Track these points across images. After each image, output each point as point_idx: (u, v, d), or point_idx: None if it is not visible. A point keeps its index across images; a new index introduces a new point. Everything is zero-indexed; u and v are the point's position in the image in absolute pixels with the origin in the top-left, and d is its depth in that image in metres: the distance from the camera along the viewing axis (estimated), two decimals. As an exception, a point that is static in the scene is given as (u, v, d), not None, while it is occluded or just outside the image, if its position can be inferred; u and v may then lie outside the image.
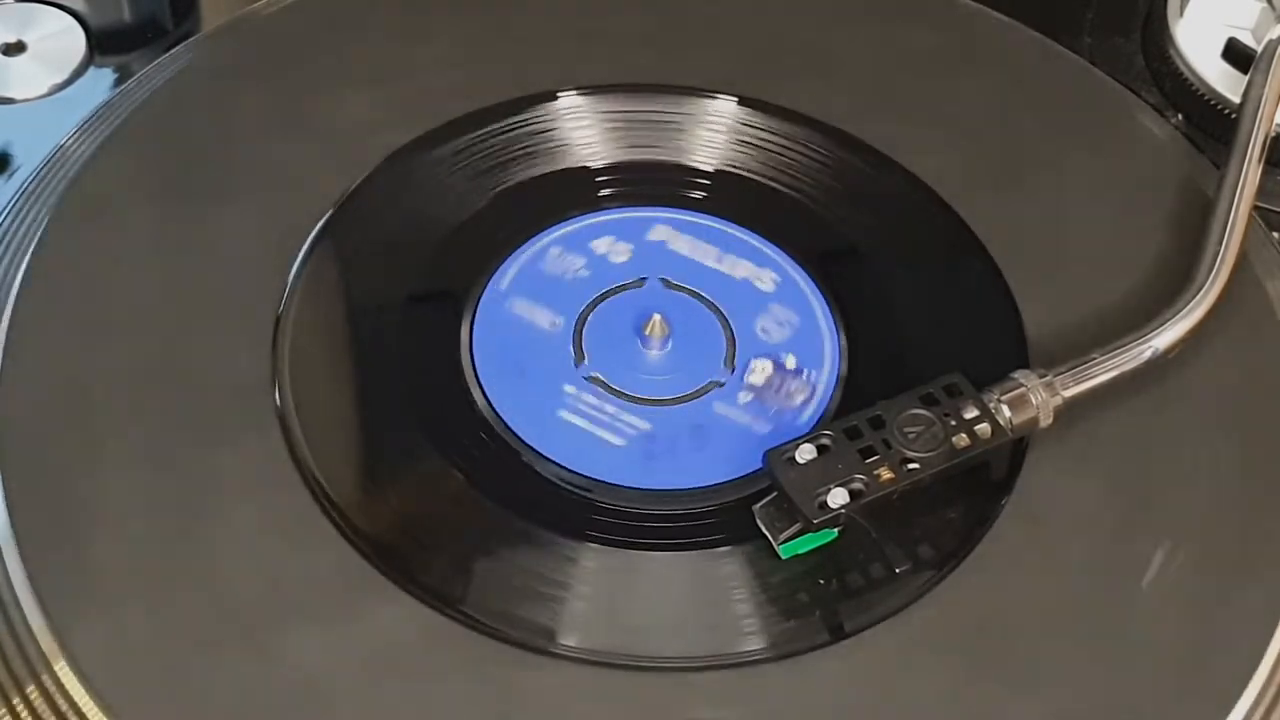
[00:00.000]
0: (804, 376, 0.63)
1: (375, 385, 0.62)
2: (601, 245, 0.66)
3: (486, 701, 0.54)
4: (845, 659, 0.55)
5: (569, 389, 0.62)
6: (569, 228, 0.66)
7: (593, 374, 0.63)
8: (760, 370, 0.63)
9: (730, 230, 0.67)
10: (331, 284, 0.64)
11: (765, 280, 0.65)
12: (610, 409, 0.62)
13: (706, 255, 0.66)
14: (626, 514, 0.59)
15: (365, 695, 0.54)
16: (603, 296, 0.65)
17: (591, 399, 0.62)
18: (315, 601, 0.55)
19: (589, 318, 0.64)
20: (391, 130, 0.68)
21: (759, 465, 0.58)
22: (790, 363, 0.63)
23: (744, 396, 0.62)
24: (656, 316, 0.63)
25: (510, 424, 0.61)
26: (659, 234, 0.67)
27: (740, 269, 0.66)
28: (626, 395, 0.62)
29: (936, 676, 0.55)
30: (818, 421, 0.61)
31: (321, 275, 0.64)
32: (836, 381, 0.63)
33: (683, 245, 0.66)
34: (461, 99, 0.69)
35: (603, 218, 0.67)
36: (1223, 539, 0.58)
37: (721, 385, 0.63)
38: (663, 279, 0.65)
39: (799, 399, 0.62)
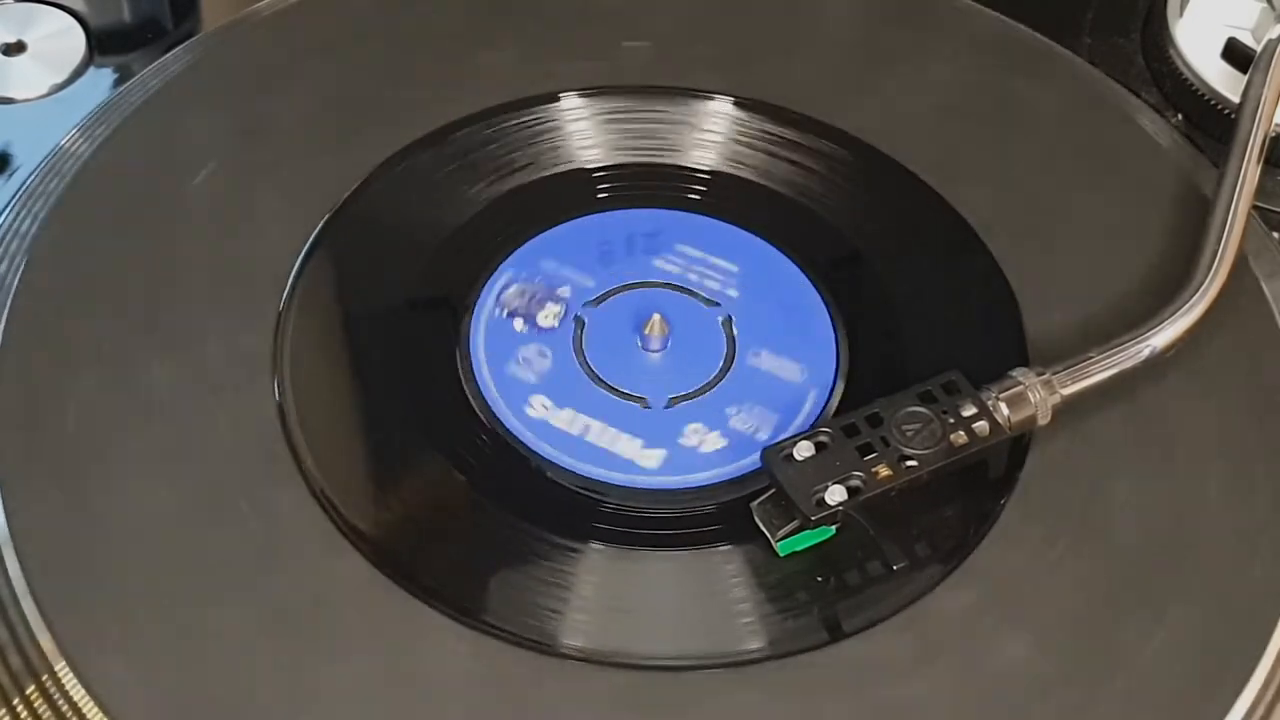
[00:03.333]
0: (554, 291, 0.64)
1: (375, 387, 0.62)
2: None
3: (486, 701, 0.54)
4: (845, 658, 0.55)
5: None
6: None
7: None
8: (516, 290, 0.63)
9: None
10: (331, 286, 0.64)
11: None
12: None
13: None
14: (627, 514, 0.59)
15: (365, 695, 0.54)
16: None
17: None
18: (315, 602, 0.55)
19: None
20: (391, 131, 0.68)
21: (760, 464, 0.58)
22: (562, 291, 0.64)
23: (518, 325, 0.63)
24: (656, 316, 0.63)
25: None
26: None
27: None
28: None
29: (936, 676, 0.55)
30: (816, 419, 0.61)
31: (321, 277, 0.64)
32: (836, 379, 0.63)
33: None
34: (460, 101, 0.69)
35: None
36: (1222, 538, 0.58)
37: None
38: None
39: (553, 316, 0.63)
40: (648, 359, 0.63)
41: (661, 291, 0.65)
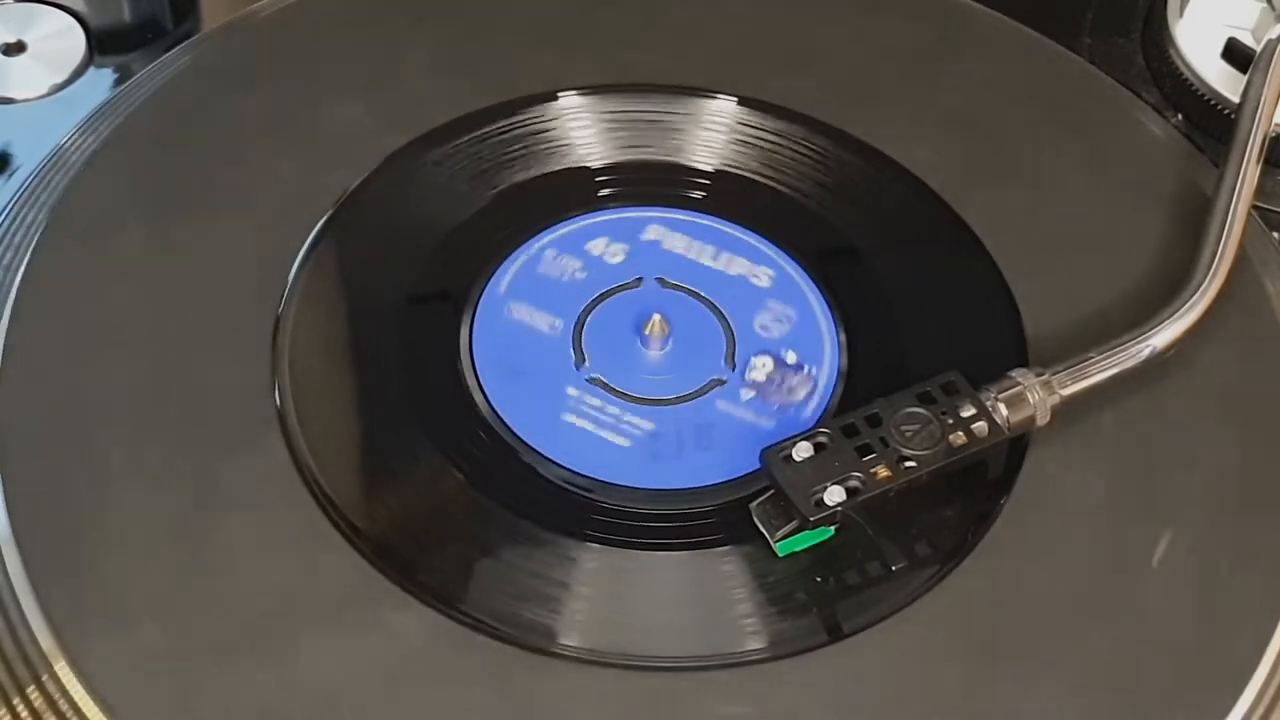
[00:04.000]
0: (805, 372, 0.63)
1: (375, 386, 0.62)
2: (598, 246, 0.66)
3: (487, 702, 0.54)
4: (845, 658, 0.55)
5: (570, 390, 0.62)
6: (566, 228, 0.66)
7: (594, 375, 0.63)
8: (761, 367, 0.63)
9: (729, 230, 0.67)
10: (331, 285, 0.64)
11: (763, 279, 0.65)
12: (611, 409, 0.62)
13: (704, 254, 0.66)
14: (627, 514, 0.59)
15: (365, 695, 0.54)
16: (602, 297, 0.65)
17: (592, 400, 0.62)
18: (315, 602, 0.55)
19: (588, 318, 0.64)
20: (391, 131, 0.68)
21: (759, 464, 0.58)
22: (791, 358, 0.63)
23: (746, 394, 0.62)
24: (656, 316, 0.63)
25: (510, 424, 0.61)
26: (656, 234, 0.67)
27: (738, 268, 0.66)
28: (627, 395, 0.62)
29: (936, 676, 0.55)
30: (816, 420, 0.61)
31: (321, 276, 0.64)
32: (835, 380, 0.63)
33: (680, 245, 0.66)
34: (461, 100, 0.69)
35: (601, 218, 0.67)
36: (1222, 537, 0.58)
37: (723, 383, 0.63)
38: (660, 279, 0.65)
39: (801, 394, 0.62)
40: (648, 359, 0.63)
41: (623, 296, 0.65)
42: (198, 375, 0.60)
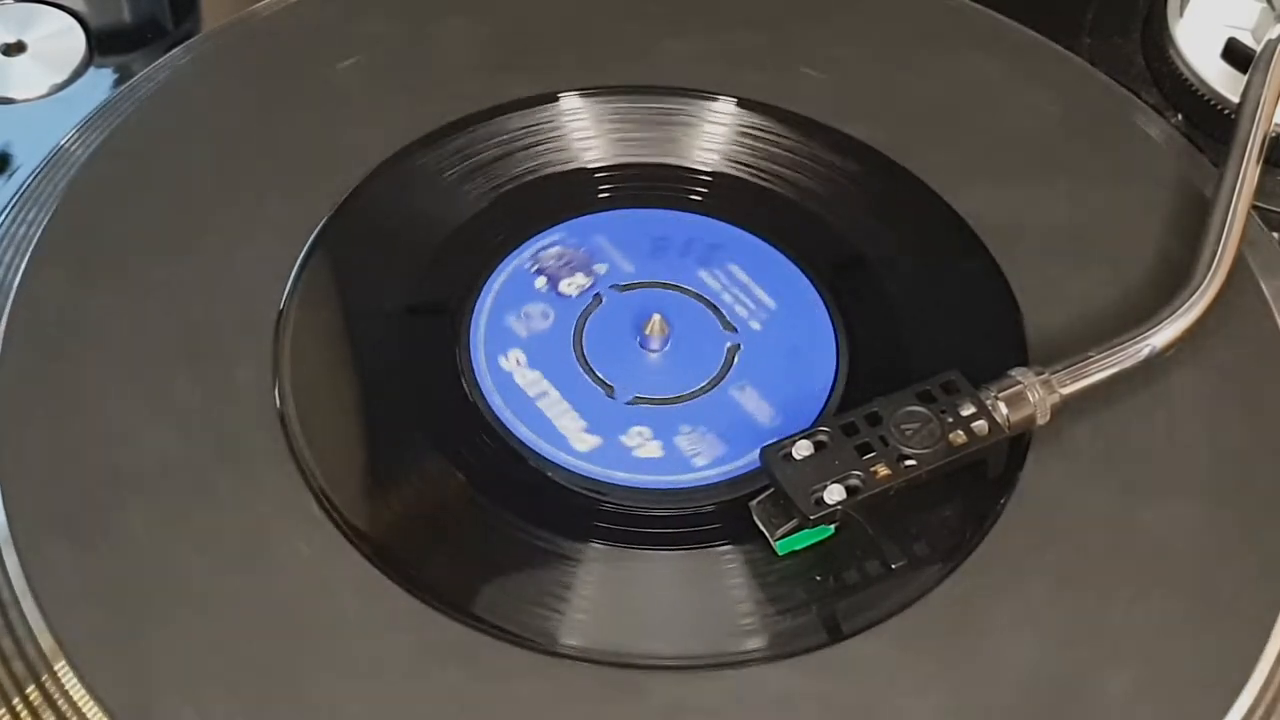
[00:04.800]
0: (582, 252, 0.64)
1: (376, 387, 0.62)
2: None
3: (486, 702, 0.54)
4: (845, 658, 0.55)
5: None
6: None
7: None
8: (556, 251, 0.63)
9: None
10: (332, 286, 0.64)
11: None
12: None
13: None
14: (626, 514, 0.59)
15: (365, 695, 0.54)
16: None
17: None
18: (315, 602, 0.55)
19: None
20: (391, 131, 0.68)
21: (759, 463, 0.58)
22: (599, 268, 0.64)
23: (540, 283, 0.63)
24: (656, 316, 0.63)
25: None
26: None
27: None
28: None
29: (936, 676, 0.55)
30: (816, 419, 0.61)
31: (322, 277, 0.64)
32: (835, 379, 0.63)
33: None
34: (461, 100, 0.69)
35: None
36: (1222, 537, 0.58)
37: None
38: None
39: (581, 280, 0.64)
40: (643, 357, 0.63)
41: (688, 300, 0.65)
42: (198, 376, 0.60)
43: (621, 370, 0.63)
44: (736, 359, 0.63)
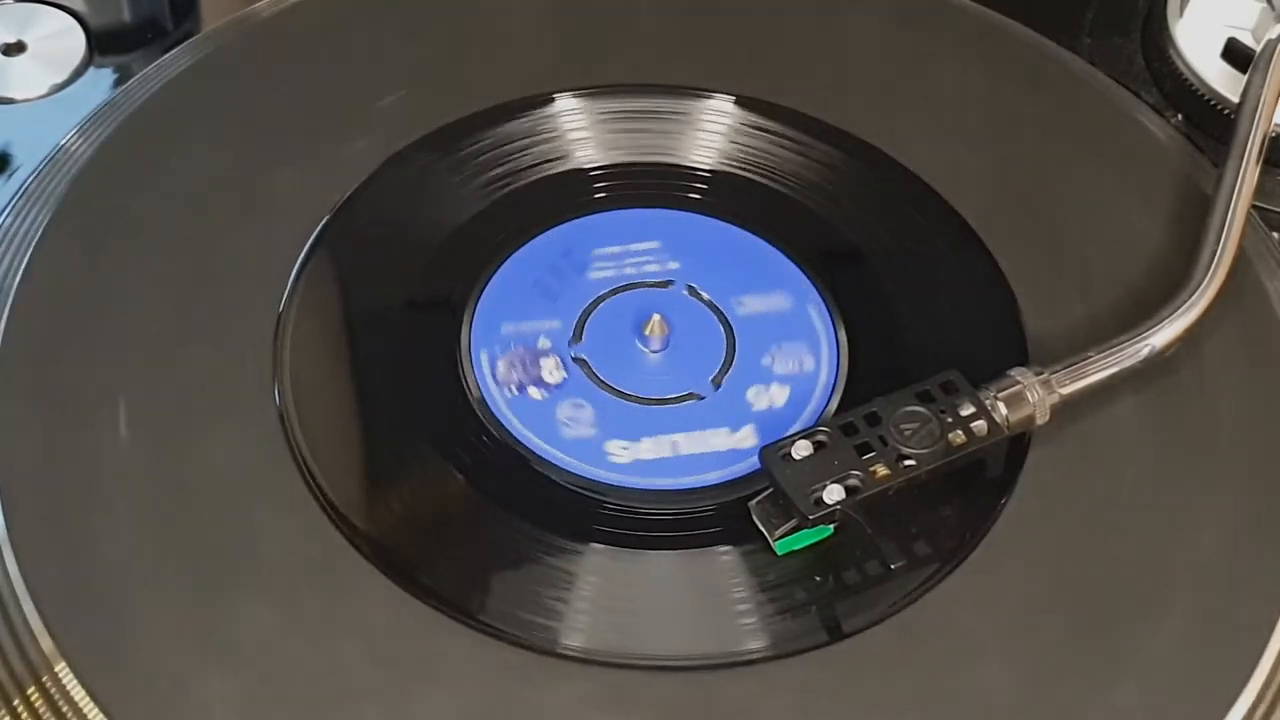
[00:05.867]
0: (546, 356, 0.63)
1: (375, 387, 0.62)
2: (598, 247, 0.66)
3: (485, 702, 0.54)
4: (844, 658, 0.55)
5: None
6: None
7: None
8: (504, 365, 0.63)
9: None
10: (332, 286, 0.64)
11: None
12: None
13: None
14: (626, 514, 0.59)
15: (365, 695, 0.54)
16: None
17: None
18: (315, 603, 0.56)
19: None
20: (391, 132, 0.68)
21: (758, 463, 0.58)
22: (543, 343, 0.64)
23: (536, 394, 0.62)
24: (656, 316, 0.63)
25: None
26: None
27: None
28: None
29: (935, 676, 0.55)
30: (816, 419, 0.61)
31: (322, 277, 0.64)
32: (835, 379, 0.63)
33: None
34: (461, 100, 0.69)
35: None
36: (1222, 537, 0.58)
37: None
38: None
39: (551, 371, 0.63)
40: (647, 359, 0.63)
41: (621, 296, 0.65)
42: (198, 376, 0.60)
43: (621, 370, 0.63)
44: (736, 358, 0.63)
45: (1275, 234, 0.68)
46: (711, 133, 0.69)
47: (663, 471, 0.60)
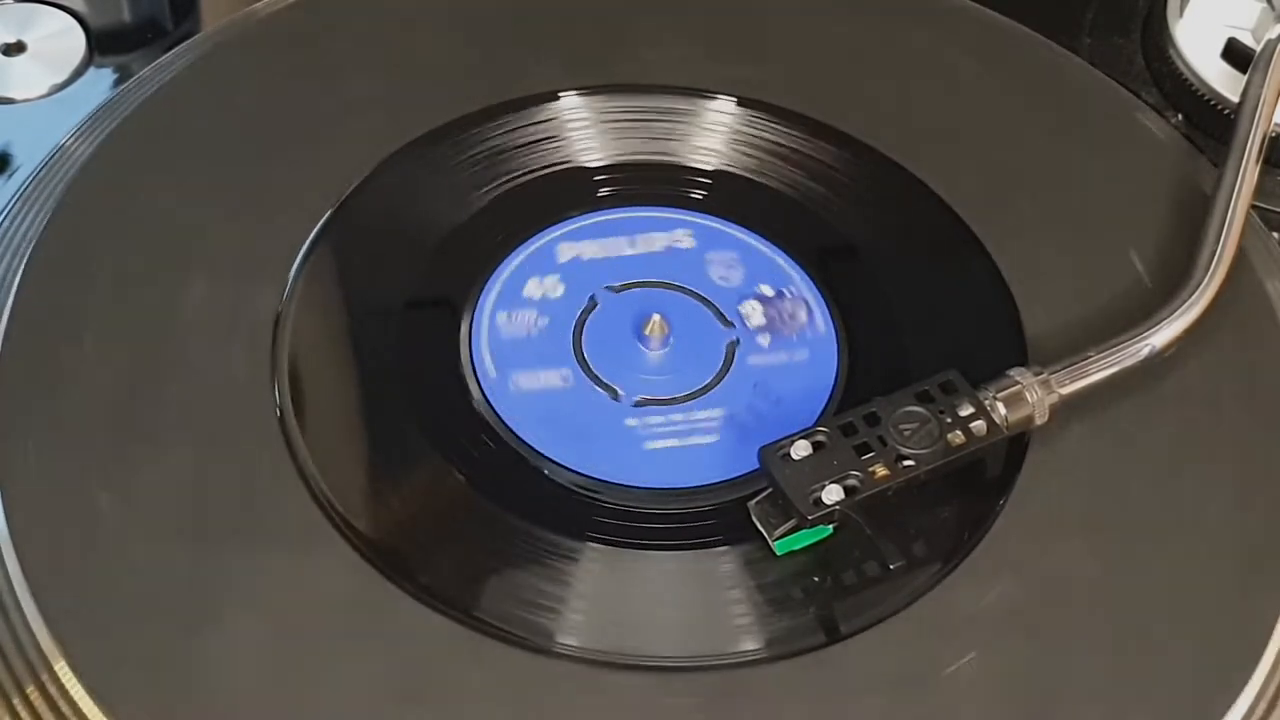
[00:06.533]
0: (790, 295, 0.64)
1: (375, 387, 0.62)
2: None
3: (485, 702, 0.54)
4: (843, 658, 0.55)
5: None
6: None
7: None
8: (755, 310, 0.63)
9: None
10: (331, 285, 0.64)
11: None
12: (675, 418, 0.62)
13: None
14: (625, 514, 0.59)
15: (365, 695, 0.54)
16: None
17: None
18: (314, 602, 0.56)
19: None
20: (391, 131, 0.68)
21: (757, 463, 0.58)
22: (768, 291, 0.64)
23: (763, 339, 0.63)
24: (656, 316, 0.63)
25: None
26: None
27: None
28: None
29: (935, 676, 0.55)
30: (815, 419, 0.61)
31: (321, 277, 0.64)
32: (835, 379, 0.63)
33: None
34: (461, 100, 0.69)
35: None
36: (1222, 537, 0.58)
37: (739, 343, 0.63)
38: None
39: (803, 315, 0.63)
40: (643, 356, 0.63)
41: (623, 296, 0.65)
42: (197, 375, 0.60)
43: (621, 370, 0.63)
44: (736, 357, 0.63)
45: (1275, 234, 0.68)
46: (712, 133, 0.69)
47: (664, 471, 0.60)
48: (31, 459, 0.58)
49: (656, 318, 0.63)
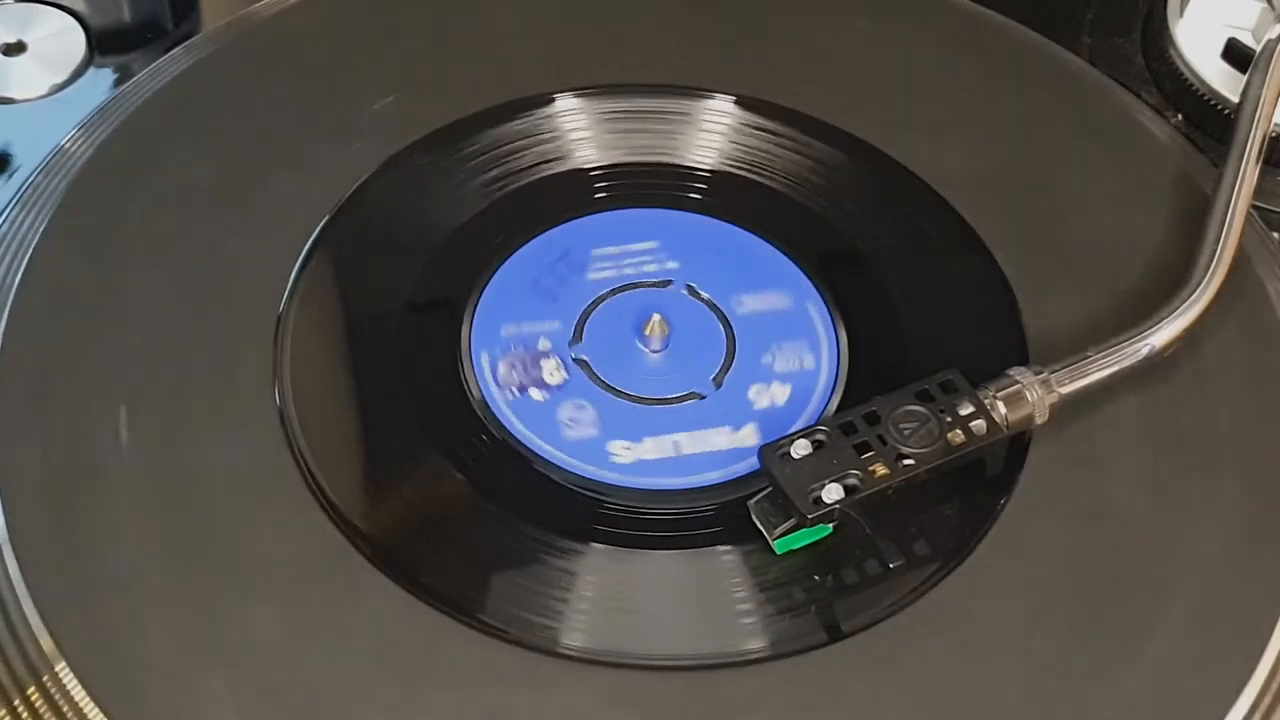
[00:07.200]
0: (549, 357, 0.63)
1: (376, 386, 0.62)
2: (597, 247, 0.66)
3: (486, 702, 0.54)
4: (844, 658, 0.55)
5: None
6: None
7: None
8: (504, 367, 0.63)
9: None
10: (332, 285, 0.64)
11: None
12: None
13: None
14: (626, 514, 0.59)
15: (364, 695, 0.54)
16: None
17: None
18: (315, 602, 0.56)
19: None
20: (391, 131, 0.68)
21: (757, 462, 0.58)
22: (543, 345, 0.64)
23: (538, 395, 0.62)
24: (656, 316, 0.63)
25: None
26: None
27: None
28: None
29: (935, 676, 0.55)
30: (815, 418, 0.61)
31: (322, 277, 0.64)
32: (835, 378, 0.63)
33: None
34: (461, 100, 0.69)
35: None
36: (1221, 537, 0.58)
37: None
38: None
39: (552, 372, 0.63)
40: (647, 359, 0.63)
41: (623, 296, 0.65)
42: (198, 376, 0.60)
43: (622, 370, 0.63)
44: (737, 357, 0.63)
45: (1275, 234, 0.68)
46: (711, 133, 0.69)
47: (664, 471, 0.60)
48: (31, 459, 0.58)
49: (656, 318, 0.63)
